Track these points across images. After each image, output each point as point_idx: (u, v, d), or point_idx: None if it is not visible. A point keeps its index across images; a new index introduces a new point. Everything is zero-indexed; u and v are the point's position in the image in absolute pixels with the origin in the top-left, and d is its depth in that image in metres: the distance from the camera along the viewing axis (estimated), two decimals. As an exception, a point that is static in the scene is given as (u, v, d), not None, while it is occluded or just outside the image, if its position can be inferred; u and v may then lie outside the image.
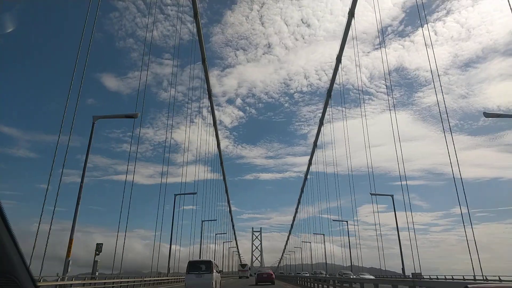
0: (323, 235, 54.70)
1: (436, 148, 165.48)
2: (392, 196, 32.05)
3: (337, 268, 52.34)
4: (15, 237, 1.35)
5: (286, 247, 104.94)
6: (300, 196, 72.11)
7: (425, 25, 24.35)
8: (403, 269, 28.82)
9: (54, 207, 15.01)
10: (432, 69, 21.61)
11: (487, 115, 23.30)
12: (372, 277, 25.51)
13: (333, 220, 44.70)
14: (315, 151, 52.07)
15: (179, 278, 35.15)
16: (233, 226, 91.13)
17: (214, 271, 19.06)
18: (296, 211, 79.97)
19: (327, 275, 35.70)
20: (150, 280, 28.24)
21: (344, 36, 32.62)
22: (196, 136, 44.80)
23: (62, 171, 15.71)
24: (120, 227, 23.59)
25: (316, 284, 25.96)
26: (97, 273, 20.43)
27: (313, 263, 70.42)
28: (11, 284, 1.35)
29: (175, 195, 32.61)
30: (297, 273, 56.96)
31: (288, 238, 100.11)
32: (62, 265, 14.90)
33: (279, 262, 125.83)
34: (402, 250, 29.48)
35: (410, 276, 26.72)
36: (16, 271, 1.36)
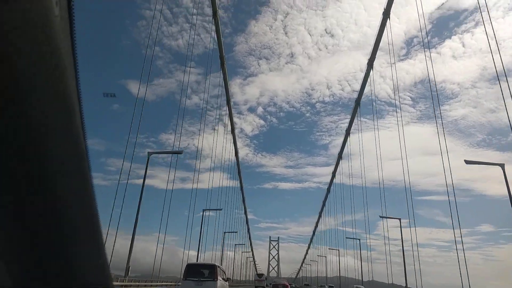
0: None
1: (462, 163, 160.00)
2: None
3: (355, 282, 51.05)
4: (104, 246, 1.34)
5: (306, 258, 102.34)
6: (322, 208, 70.40)
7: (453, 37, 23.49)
8: None
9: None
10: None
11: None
12: None
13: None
14: (340, 162, 51.04)
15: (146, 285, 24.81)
16: (249, 234, 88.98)
17: (220, 278, 15.44)
18: (318, 223, 77.87)
19: None
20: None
21: (378, 38, 31.10)
22: (217, 143, 45.13)
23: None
24: (139, 231, 23.79)
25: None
26: None
27: (331, 276, 69.05)
28: None
29: (150, 153, 26.20)
30: (330, 286, 52.91)
31: (308, 249, 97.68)
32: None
33: (298, 273, 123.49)
34: (423, 267, 26.40)
35: None
36: (107, 283, 1.35)
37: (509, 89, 17.92)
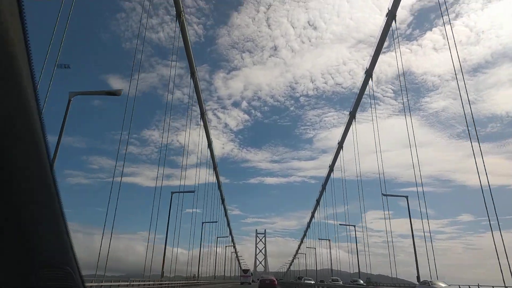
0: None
1: (443, 154, 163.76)
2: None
3: (343, 275, 51.56)
4: (68, 227, 1.37)
5: (299, 251, 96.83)
6: (316, 206, 67.69)
7: (444, 25, 23.61)
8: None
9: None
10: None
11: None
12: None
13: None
14: (341, 153, 46.53)
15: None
16: (229, 229, 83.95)
17: None
18: (310, 221, 74.66)
19: None
20: None
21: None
22: (200, 138, 44.31)
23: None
24: (123, 229, 23.13)
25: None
26: None
27: (318, 268, 69.37)
28: (69, 276, 1.38)
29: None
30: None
31: (301, 243, 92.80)
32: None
33: (289, 267, 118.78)
34: (407, 258, 28.78)
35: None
36: (72, 263, 1.39)
37: None
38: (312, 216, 73.23)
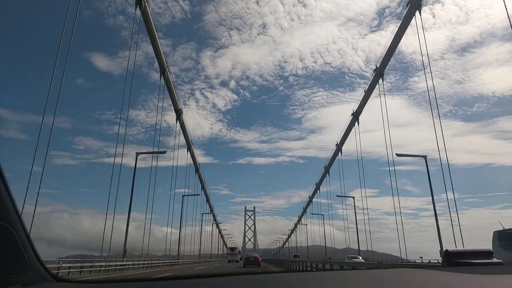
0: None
1: (429, 134, 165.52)
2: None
3: (336, 251, 52.59)
4: (9, 186, 1.32)
5: (296, 229, 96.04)
6: (316, 190, 65.59)
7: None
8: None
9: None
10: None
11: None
12: None
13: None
14: (357, 125, 39.22)
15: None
16: (213, 215, 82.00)
17: None
18: (310, 201, 72.81)
19: None
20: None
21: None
22: (189, 119, 43.39)
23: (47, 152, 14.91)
24: (112, 209, 22.91)
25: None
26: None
27: (309, 245, 70.66)
28: (6, 232, 1.34)
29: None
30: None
31: (298, 221, 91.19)
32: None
33: (284, 245, 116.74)
34: (391, 234, 30.12)
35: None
36: (11, 219, 1.36)
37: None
38: (310, 201, 72.14)
